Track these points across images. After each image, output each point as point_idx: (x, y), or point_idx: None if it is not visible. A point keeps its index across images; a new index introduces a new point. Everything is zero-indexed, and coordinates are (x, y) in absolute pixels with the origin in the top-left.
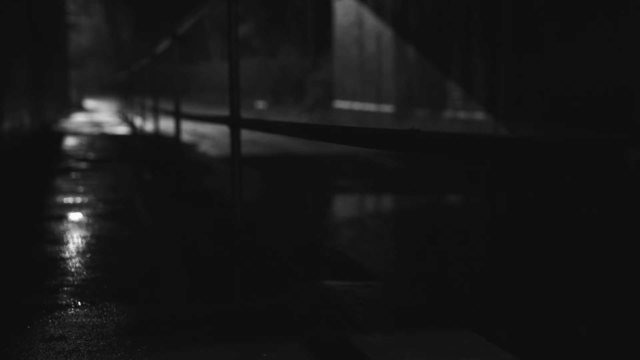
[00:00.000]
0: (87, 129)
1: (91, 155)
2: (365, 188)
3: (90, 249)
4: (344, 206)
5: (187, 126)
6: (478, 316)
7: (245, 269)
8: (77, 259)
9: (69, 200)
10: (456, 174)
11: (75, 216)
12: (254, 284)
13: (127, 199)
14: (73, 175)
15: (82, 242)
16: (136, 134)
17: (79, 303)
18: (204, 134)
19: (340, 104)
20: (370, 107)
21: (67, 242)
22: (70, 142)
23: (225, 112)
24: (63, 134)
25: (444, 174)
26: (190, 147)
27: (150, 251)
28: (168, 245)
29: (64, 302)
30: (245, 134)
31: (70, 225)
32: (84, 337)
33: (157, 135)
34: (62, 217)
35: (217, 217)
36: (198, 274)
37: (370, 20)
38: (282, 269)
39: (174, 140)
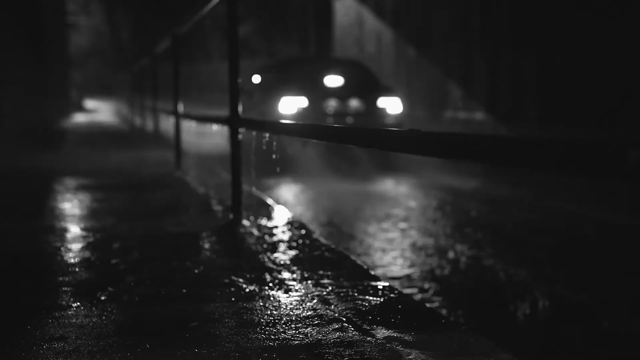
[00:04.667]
0: (86, 129)
1: (91, 155)
2: None
3: (89, 246)
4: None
5: (186, 126)
6: (479, 316)
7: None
8: (74, 256)
9: (68, 200)
10: None
11: (74, 215)
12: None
13: (128, 196)
14: (72, 175)
15: (80, 238)
16: (136, 134)
17: (79, 303)
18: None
19: None
20: None
21: (65, 237)
22: (70, 141)
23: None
24: (63, 133)
25: None
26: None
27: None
28: (173, 239)
29: (64, 302)
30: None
31: (68, 223)
32: (84, 337)
33: (156, 135)
34: (61, 216)
35: (219, 216)
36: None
37: (370, 20)
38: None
39: (175, 139)
